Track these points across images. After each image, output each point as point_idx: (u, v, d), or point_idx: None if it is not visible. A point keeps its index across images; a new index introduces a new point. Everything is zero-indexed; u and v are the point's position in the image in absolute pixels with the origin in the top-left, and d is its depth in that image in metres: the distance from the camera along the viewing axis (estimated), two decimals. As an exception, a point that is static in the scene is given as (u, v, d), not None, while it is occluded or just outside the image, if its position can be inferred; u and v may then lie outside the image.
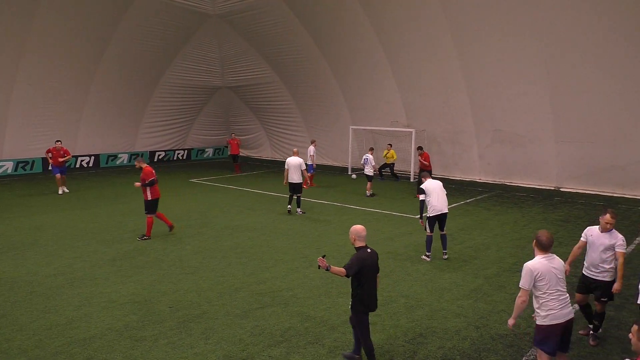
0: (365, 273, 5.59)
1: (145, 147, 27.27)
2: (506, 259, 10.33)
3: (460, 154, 21.82)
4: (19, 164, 22.17)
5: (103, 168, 24.95)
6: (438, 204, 9.88)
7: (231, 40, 25.94)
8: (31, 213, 14.36)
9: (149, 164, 26.14)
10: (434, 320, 7.23)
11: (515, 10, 17.52)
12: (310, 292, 8.31)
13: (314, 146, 20.44)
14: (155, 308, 7.61)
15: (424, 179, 10.43)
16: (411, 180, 21.42)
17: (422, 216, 10.14)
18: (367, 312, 5.72)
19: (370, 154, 17.84)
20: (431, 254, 10.16)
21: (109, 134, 25.29)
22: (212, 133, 31.04)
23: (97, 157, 25.09)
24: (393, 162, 21.62)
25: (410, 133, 21.64)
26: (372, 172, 17.72)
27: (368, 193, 17.59)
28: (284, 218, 14.01)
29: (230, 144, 24.82)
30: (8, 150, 21.84)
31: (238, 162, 24.56)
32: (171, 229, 12.09)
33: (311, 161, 19.80)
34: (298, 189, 14.35)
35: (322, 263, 5.39)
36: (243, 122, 30.74)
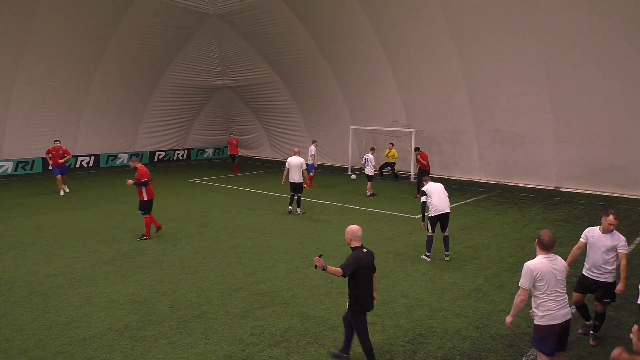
0: (361, 273, 5.60)
1: (145, 147, 27.27)
2: (506, 259, 10.34)
3: (460, 154, 21.82)
4: (19, 164, 22.17)
5: (103, 168, 24.95)
6: (440, 204, 9.88)
7: (231, 40, 25.95)
8: (31, 213, 14.36)
9: (149, 164, 26.46)
10: (434, 320, 7.23)
11: (515, 10, 17.52)
12: (310, 292, 8.31)
13: (314, 146, 20.46)
14: (155, 308, 7.61)
15: (425, 182, 10.42)
16: (411, 180, 21.43)
17: (424, 217, 10.14)
18: (363, 311, 5.73)
19: (371, 154, 17.83)
20: (431, 254, 10.17)
21: (109, 134, 25.29)
22: (212, 133, 31.04)
23: (97, 157, 25.09)
24: (394, 162, 21.65)
25: (410, 133, 21.64)
26: (372, 172, 17.72)
27: (368, 193, 17.59)
28: (284, 218, 14.01)
29: (230, 144, 24.94)
30: (8, 150, 21.83)
31: (235, 161, 24.58)
32: (158, 230, 11.97)
33: (312, 161, 19.81)
34: (299, 189, 14.40)
35: (319, 262, 5.40)
36: (243, 122, 30.74)
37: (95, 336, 6.62)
